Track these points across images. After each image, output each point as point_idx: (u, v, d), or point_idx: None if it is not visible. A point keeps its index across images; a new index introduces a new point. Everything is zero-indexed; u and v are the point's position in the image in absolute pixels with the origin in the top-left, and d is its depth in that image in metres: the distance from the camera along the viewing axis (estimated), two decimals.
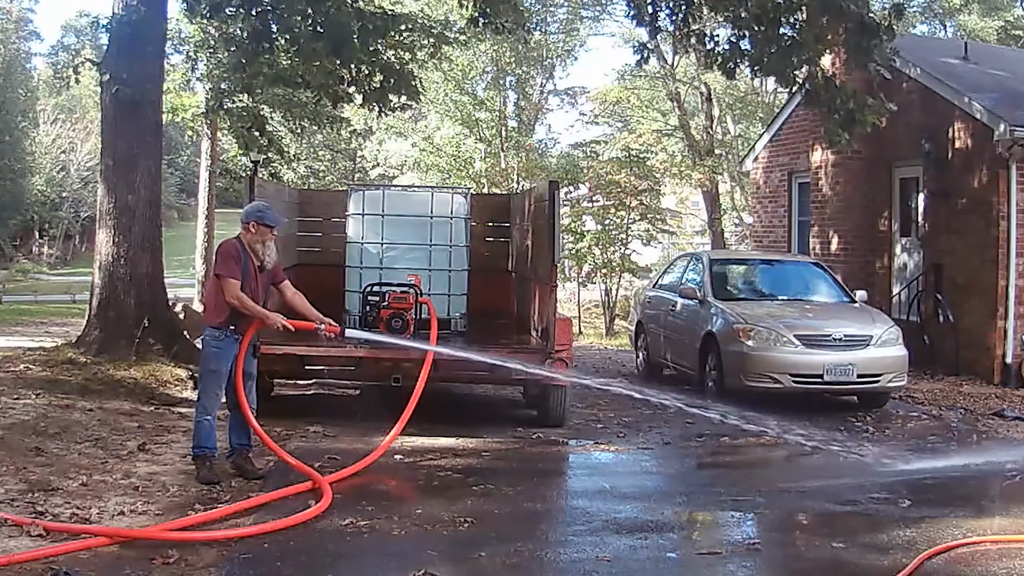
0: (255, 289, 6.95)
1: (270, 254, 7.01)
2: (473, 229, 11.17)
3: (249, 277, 6.90)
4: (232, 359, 6.96)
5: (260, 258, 6.97)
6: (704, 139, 30.30)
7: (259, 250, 6.96)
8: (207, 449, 6.96)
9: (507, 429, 9.20)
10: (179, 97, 20.52)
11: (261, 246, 6.96)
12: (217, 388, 6.98)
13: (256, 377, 7.31)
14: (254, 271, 6.95)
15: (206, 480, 6.80)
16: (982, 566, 5.47)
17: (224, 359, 6.94)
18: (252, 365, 7.17)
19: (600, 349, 18.76)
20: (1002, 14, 30.90)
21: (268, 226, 6.98)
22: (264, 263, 6.99)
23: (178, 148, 49.06)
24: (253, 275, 6.94)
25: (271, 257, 7.03)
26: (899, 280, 14.66)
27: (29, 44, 52.76)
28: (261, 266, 6.99)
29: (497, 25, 13.55)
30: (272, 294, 7.33)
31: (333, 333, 7.18)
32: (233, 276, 6.83)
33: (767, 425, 8.67)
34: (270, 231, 7.00)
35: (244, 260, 6.91)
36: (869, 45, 11.26)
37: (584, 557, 5.58)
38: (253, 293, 6.92)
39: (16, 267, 38.67)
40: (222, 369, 6.94)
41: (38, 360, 10.80)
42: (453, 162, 28.72)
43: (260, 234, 6.96)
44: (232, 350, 6.95)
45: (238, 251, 6.94)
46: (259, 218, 6.99)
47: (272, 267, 7.09)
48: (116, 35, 11.30)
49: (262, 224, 6.97)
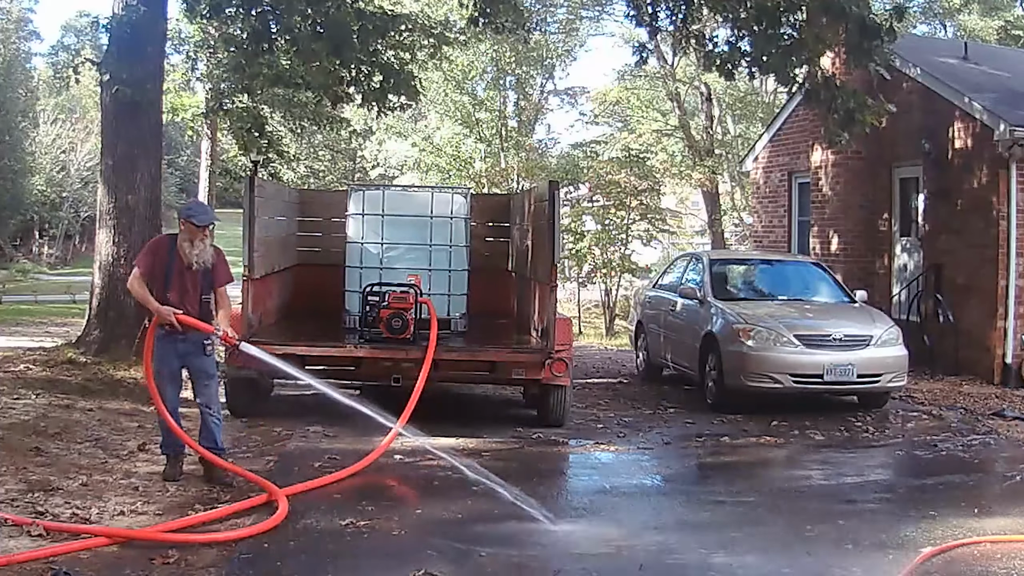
0: (182, 287, 6.78)
1: (199, 254, 6.79)
2: (473, 229, 11.17)
3: (175, 274, 6.75)
4: (174, 357, 6.84)
5: (187, 257, 6.76)
6: (704, 139, 30.29)
7: (186, 248, 6.76)
8: (164, 448, 7.00)
9: (507, 429, 9.20)
10: (179, 97, 20.51)
11: (188, 244, 6.76)
12: (163, 388, 6.83)
13: (215, 376, 7.12)
14: (180, 269, 6.78)
15: (166, 477, 6.87)
16: (982, 566, 5.47)
17: (161, 358, 6.84)
18: (207, 364, 6.98)
19: (600, 349, 18.76)
20: (1002, 14, 30.89)
21: (196, 225, 6.77)
22: (192, 263, 6.77)
23: (178, 148, 49.01)
24: (179, 273, 6.77)
25: (203, 257, 6.81)
26: (899, 280, 14.65)
27: (29, 44, 52.67)
28: (189, 265, 6.78)
29: (497, 25, 13.55)
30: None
31: (229, 344, 6.91)
32: (139, 266, 6.79)
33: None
34: (199, 230, 6.78)
35: (170, 256, 6.78)
36: (870, 46, 11.24)
37: (584, 557, 5.58)
38: (180, 291, 6.76)
39: (16, 267, 38.58)
40: (163, 369, 6.84)
41: (38, 360, 10.81)
42: (453, 162, 28.71)
43: (188, 232, 6.77)
44: (170, 348, 6.81)
45: (164, 246, 6.88)
46: (187, 216, 6.83)
47: (208, 268, 6.87)
48: (116, 35, 11.30)
49: (190, 222, 6.78)
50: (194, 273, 6.83)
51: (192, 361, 6.93)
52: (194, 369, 6.99)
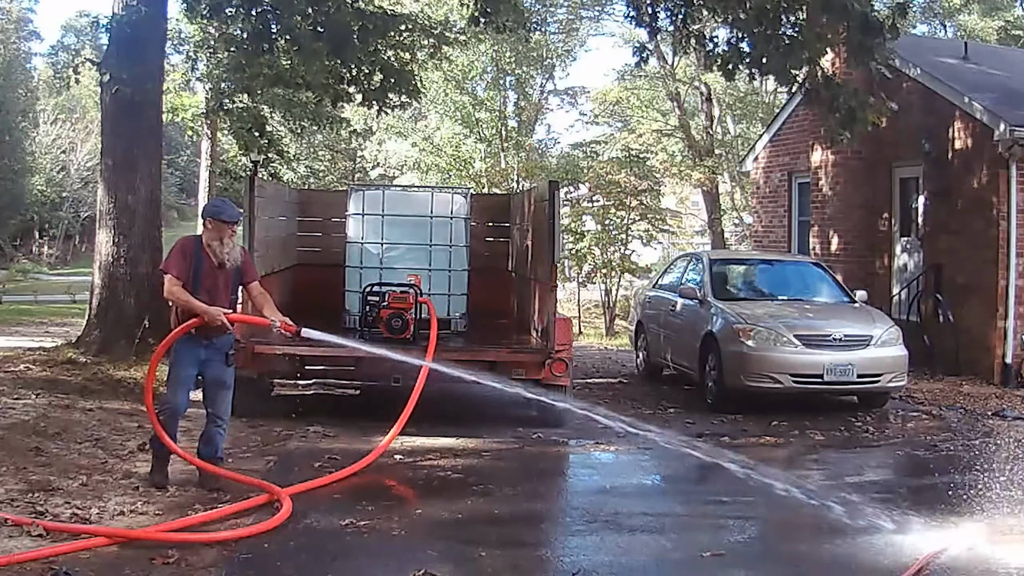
0: (213, 287, 6.69)
1: (229, 251, 6.73)
2: (473, 229, 11.18)
3: (204, 275, 6.66)
4: (194, 363, 6.72)
5: (218, 256, 6.69)
6: (704, 139, 30.30)
7: (216, 247, 6.68)
8: (152, 444, 6.83)
9: (507, 429, 9.19)
10: (179, 97, 20.51)
11: (219, 243, 6.68)
12: (174, 392, 6.71)
13: (232, 388, 6.97)
14: (210, 269, 6.69)
15: (152, 483, 6.65)
16: (982, 566, 5.47)
17: (179, 362, 6.70)
18: (227, 374, 6.88)
19: (600, 349, 18.75)
20: (1002, 14, 30.90)
21: (225, 222, 6.70)
22: (223, 261, 6.71)
23: (178, 148, 49.01)
24: (209, 273, 6.69)
25: (233, 255, 6.76)
26: (899, 280, 14.65)
27: (29, 44, 52.80)
28: (220, 264, 6.71)
29: (497, 25, 13.54)
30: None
31: (289, 332, 6.79)
32: (172, 271, 6.62)
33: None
34: (228, 227, 6.71)
35: (198, 257, 6.68)
36: (871, 44, 11.22)
37: (584, 557, 5.58)
38: (211, 291, 6.67)
39: (16, 267, 38.63)
40: (180, 373, 6.71)
41: (38, 360, 10.81)
42: (453, 162, 28.70)
43: (217, 230, 6.69)
44: (194, 354, 6.69)
45: (191, 248, 6.73)
46: (215, 214, 6.74)
47: (238, 265, 6.82)
48: (116, 35, 11.31)
49: (218, 220, 6.69)
50: (226, 272, 6.75)
51: (211, 369, 6.80)
52: (212, 377, 6.84)
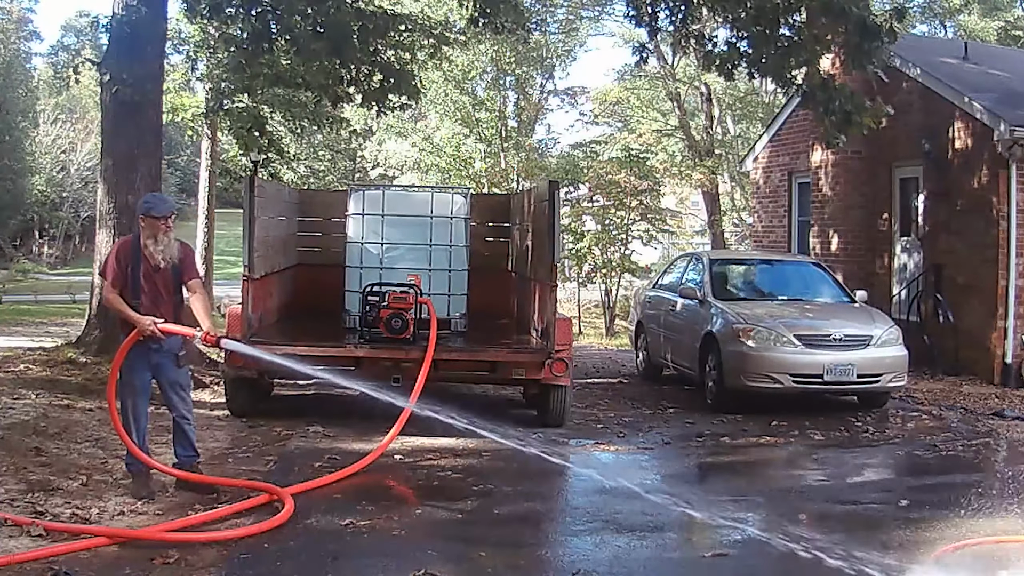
0: (153, 290, 6.38)
1: (165, 248, 6.36)
2: (473, 229, 11.17)
3: (143, 277, 6.34)
4: (147, 368, 6.46)
5: (154, 256, 6.34)
6: (704, 139, 30.30)
7: (151, 246, 6.33)
8: (129, 466, 6.60)
9: (507, 429, 9.19)
10: (179, 97, 20.48)
11: (153, 241, 6.32)
12: (129, 400, 6.47)
13: (188, 387, 6.77)
14: (148, 270, 6.36)
15: (135, 496, 6.37)
16: (983, 566, 5.47)
17: (132, 369, 6.42)
18: (180, 375, 6.64)
19: (600, 349, 18.76)
20: (1002, 14, 30.91)
21: (156, 217, 6.31)
22: (159, 262, 6.36)
23: (178, 148, 48.98)
24: (148, 274, 6.36)
25: (169, 251, 6.39)
26: (899, 280, 14.65)
27: (29, 44, 52.70)
28: (156, 266, 6.37)
29: (497, 25, 13.53)
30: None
31: (209, 343, 6.44)
32: (108, 276, 6.37)
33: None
34: (160, 222, 6.31)
35: (135, 259, 6.34)
36: (869, 47, 11.21)
37: (584, 557, 5.58)
38: (151, 294, 6.37)
39: (16, 267, 38.59)
40: (134, 381, 6.46)
41: (38, 360, 10.81)
42: (453, 162, 28.69)
43: (151, 227, 6.32)
44: (143, 359, 6.42)
45: (126, 250, 6.42)
46: (145, 211, 6.35)
47: (175, 263, 6.45)
48: (116, 35, 11.29)
49: (149, 216, 6.31)
50: (164, 272, 6.42)
51: (165, 373, 6.57)
52: (166, 381, 6.60)
